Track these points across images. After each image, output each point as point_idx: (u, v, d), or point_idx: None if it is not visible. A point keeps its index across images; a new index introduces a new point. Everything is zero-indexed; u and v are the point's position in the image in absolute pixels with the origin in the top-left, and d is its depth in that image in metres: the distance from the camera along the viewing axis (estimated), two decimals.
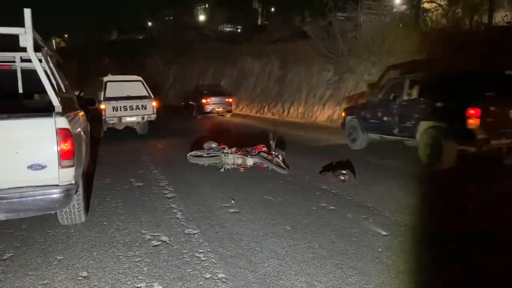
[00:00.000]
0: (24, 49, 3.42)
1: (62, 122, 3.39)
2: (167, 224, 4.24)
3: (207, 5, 51.25)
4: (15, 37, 3.40)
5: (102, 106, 11.00)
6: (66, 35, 60.93)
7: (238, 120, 17.41)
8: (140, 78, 12.09)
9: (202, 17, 49.41)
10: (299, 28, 25.18)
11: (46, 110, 3.57)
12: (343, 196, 5.21)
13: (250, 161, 6.72)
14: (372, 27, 16.65)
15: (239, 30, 42.98)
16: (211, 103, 17.67)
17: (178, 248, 3.61)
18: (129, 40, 49.85)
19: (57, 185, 3.44)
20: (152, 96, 11.90)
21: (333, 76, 16.92)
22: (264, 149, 7.05)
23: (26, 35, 3.34)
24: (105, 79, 11.55)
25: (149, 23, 58.03)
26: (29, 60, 3.72)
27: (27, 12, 3.32)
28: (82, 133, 4.53)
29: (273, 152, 6.93)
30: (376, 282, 2.96)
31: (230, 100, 18.44)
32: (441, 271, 3.15)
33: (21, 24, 3.35)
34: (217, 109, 17.84)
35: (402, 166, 7.08)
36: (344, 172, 5.92)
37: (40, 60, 3.75)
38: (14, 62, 5.76)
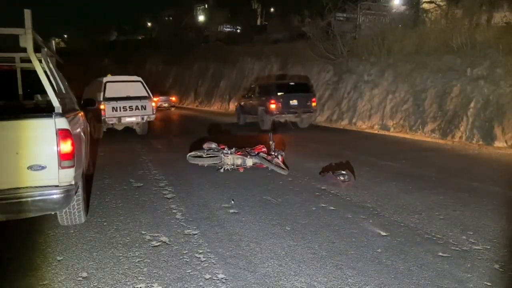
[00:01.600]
0: (24, 50, 3.43)
1: (62, 123, 3.40)
2: (166, 225, 4.24)
3: (206, 6, 51.26)
4: (15, 38, 3.40)
5: (102, 107, 11.00)
6: (65, 36, 60.91)
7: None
8: (139, 78, 12.09)
9: (201, 18, 49.41)
10: (298, 28, 25.26)
11: (46, 110, 3.57)
12: (342, 197, 5.22)
13: (249, 162, 6.72)
14: (371, 28, 16.67)
15: (238, 31, 43.07)
16: (160, 101, 23.96)
17: (178, 249, 3.61)
18: (129, 41, 49.90)
19: (57, 186, 3.45)
20: (152, 97, 11.90)
21: (332, 76, 16.94)
22: (264, 149, 7.05)
23: (26, 36, 3.35)
24: (105, 79, 11.53)
25: (149, 24, 58.04)
26: (29, 61, 3.73)
27: (27, 13, 3.33)
28: (82, 133, 4.54)
29: (273, 153, 6.94)
30: (376, 283, 2.96)
31: (173, 98, 27.05)
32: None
33: (21, 24, 3.35)
34: (164, 105, 25.15)
35: (402, 166, 7.10)
36: (343, 172, 5.92)
37: (40, 61, 3.75)
38: (14, 62, 5.76)
